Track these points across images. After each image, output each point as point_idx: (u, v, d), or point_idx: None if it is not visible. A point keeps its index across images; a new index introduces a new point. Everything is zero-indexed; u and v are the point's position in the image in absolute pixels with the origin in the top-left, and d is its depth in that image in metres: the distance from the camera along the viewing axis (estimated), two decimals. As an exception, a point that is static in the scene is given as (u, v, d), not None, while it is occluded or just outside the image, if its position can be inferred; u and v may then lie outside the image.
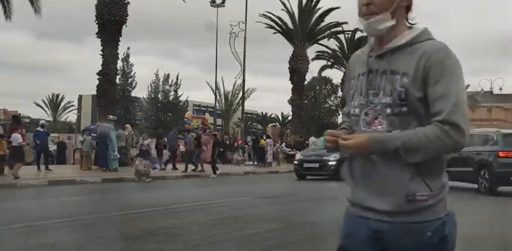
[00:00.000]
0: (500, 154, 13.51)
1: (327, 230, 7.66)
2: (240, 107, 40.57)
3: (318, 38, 35.82)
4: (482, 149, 13.90)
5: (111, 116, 22.60)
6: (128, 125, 22.62)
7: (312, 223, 8.27)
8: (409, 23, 1.99)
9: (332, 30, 35.89)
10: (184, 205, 9.93)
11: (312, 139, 31.96)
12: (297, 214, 9.34)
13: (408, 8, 1.98)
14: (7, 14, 22.58)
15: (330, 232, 7.53)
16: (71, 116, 75.84)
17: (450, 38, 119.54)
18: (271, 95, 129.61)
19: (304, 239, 6.93)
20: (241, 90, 36.34)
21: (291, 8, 34.32)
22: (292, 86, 35.24)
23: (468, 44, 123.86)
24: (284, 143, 34.57)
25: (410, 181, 1.86)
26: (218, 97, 51.02)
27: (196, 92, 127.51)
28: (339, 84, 54.74)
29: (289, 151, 32.04)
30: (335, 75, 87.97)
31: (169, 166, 21.07)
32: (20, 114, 67.97)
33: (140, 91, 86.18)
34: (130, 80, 50.14)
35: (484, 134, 14.54)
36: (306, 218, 8.77)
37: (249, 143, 31.93)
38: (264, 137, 27.61)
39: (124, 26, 23.06)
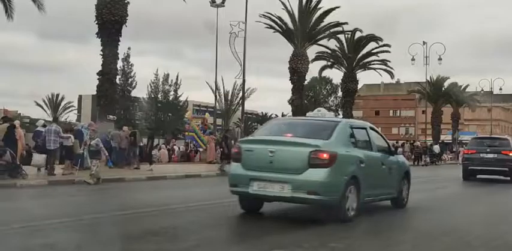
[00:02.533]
0: (465, 151, 19.92)
1: (328, 230, 7.66)
2: (240, 107, 40.54)
3: (318, 38, 35.78)
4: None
5: (111, 116, 22.59)
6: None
7: (312, 223, 8.26)
8: None
9: (332, 30, 35.86)
10: (184, 205, 9.93)
11: None
12: (297, 214, 9.33)
13: None
14: (8, 13, 22.51)
15: (331, 231, 7.54)
16: (71, 116, 75.96)
17: (450, 38, 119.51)
18: (271, 95, 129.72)
19: (305, 238, 6.93)
20: (241, 90, 36.32)
21: (291, 8, 34.32)
22: (292, 86, 35.23)
23: (468, 44, 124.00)
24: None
25: None
26: (218, 97, 51.00)
27: (197, 92, 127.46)
28: (339, 84, 54.75)
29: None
30: (335, 75, 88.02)
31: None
32: (20, 114, 68.02)
33: (140, 91, 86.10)
34: (130, 80, 50.24)
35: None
36: (306, 218, 8.77)
37: None
38: None
39: (124, 26, 23.05)
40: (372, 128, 9.84)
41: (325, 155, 7.91)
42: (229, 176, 8.82)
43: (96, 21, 22.81)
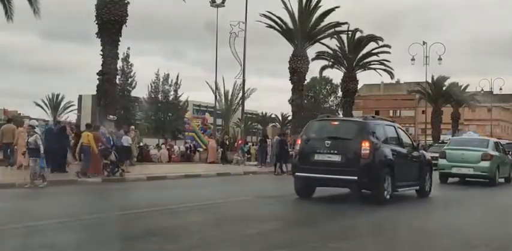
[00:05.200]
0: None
1: (327, 230, 7.66)
2: (240, 107, 40.55)
3: (318, 38, 35.74)
4: None
5: (111, 116, 22.58)
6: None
7: (313, 223, 8.27)
8: None
9: (332, 30, 35.82)
10: (184, 205, 9.93)
11: None
12: (297, 214, 9.33)
13: None
14: (8, 14, 22.49)
15: (331, 231, 7.54)
16: (71, 116, 75.90)
17: (451, 39, 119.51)
18: (271, 95, 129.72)
19: (304, 239, 6.93)
20: (241, 90, 36.35)
21: (291, 8, 34.27)
22: (292, 86, 35.20)
23: (468, 44, 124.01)
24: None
25: None
26: (218, 97, 51.02)
27: (197, 92, 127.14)
28: (338, 84, 54.72)
29: (289, 151, 31.98)
30: (335, 75, 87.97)
31: None
32: (20, 114, 68.05)
33: (140, 91, 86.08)
34: (130, 80, 50.18)
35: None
36: (306, 218, 8.77)
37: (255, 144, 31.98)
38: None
39: (124, 26, 23.02)
40: (500, 142, 19.94)
41: (488, 156, 17.16)
42: (439, 164, 17.48)
43: (96, 21, 22.79)
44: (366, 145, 10.54)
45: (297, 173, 11.34)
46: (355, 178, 10.43)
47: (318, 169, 10.80)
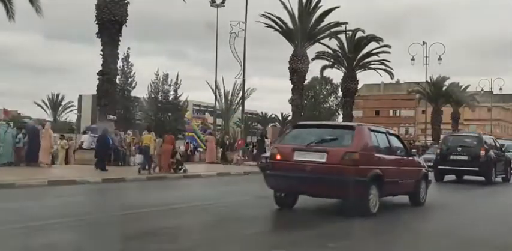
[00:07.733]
0: None
1: (327, 230, 7.66)
2: (240, 107, 40.53)
3: (318, 38, 35.70)
4: None
5: (111, 116, 22.60)
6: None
7: (312, 223, 8.27)
8: None
9: (332, 30, 35.78)
10: (184, 205, 9.93)
11: None
12: (297, 214, 9.33)
13: None
14: (10, 14, 22.51)
15: (330, 231, 7.54)
16: (71, 116, 76.01)
17: (451, 39, 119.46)
18: (271, 95, 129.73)
19: (303, 239, 6.93)
20: (241, 90, 36.33)
21: (291, 8, 34.25)
22: (292, 86, 35.19)
23: (468, 44, 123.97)
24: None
25: None
26: (218, 97, 50.94)
27: (198, 92, 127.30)
28: (339, 84, 54.68)
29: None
30: (335, 75, 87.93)
31: None
32: (20, 114, 68.05)
33: (140, 91, 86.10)
34: (130, 80, 50.17)
35: None
36: (305, 218, 8.77)
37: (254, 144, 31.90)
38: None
39: (124, 26, 23.04)
40: None
41: None
42: None
43: (96, 21, 22.80)
44: (482, 150, 17.84)
45: (438, 167, 18.35)
46: (477, 169, 17.64)
47: (453, 163, 18.01)
